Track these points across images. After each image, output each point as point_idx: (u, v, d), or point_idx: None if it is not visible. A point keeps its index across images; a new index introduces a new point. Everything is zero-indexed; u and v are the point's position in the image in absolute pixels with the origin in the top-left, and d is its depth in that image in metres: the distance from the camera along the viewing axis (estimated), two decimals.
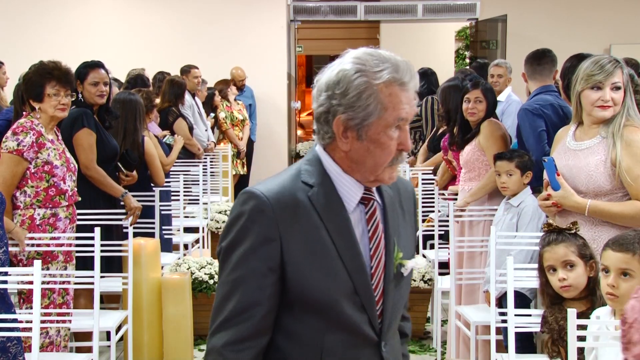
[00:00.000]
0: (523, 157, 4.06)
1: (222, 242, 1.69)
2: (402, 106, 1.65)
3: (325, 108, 1.66)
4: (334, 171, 1.70)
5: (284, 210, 1.63)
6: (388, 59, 1.66)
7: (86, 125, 4.34)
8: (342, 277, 1.65)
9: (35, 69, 3.88)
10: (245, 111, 9.01)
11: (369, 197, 1.73)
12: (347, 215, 1.69)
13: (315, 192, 1.67)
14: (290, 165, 1.78)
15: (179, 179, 5.97)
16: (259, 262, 1.62)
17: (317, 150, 1.73)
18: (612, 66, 3.02)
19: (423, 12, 10.25)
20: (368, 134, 1.65)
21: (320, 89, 1.68)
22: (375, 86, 1.63)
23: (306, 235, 1.64)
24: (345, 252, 1.66)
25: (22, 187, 3.81)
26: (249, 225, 1.63)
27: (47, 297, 3.84)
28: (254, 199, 1.64)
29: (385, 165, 1.68)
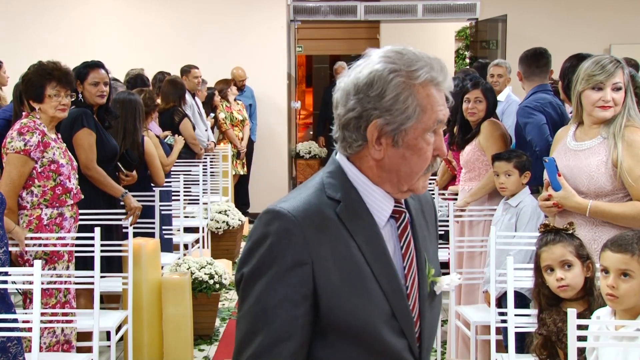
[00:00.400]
0: (521, 157, 4.05)
1: (242, 267, 1.51)
2: (439, 107, 1.53)
3: (356, 113, 1.51)
4: (361, 183, 1.55)
5: (313, 229, 1.47)
6: (421, 57, 1.54)
7: (86, 125, 4.34)
8: (379, 300, 1.50)
9: (35, 69, 3.87)
10: (245, 111, 9.01)
11: (400, 210, 1.59)
12: (379, 232, 1.54)
13: (343, 207, 1.52)
14: (308, 179, 1.61)
15: (179, 179, 5.97)
16: (289, 289, 1.45)
17: (339, 160, 1.58)
18: (613, 66, 3.02)
19: (423, 12, 10.25)
20: (405, 140, 1.52)
21: (348, 92, 1.52)
22: (412, 87, 1.50)
23: (338, 256, 1.48)
24: (380, 272, 1.51)
25: (28, 187, 3.81)
26: (276, 248, 1.46)
27: (54, 297, 3.85)
28: (281, 218, 1.47)
29: (421, 174, 1.56)
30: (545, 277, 2.84)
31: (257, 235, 1.49)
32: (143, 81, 6.64)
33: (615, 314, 2.49)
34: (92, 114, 4.47)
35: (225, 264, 5.74)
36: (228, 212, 7.21)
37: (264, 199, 9.60)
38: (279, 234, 1.46)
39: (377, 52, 1.56)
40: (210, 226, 7.03)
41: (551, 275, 2.81)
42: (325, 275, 1.46)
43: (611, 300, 2.42)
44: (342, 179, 1.55)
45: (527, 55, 4.65)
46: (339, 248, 1.48)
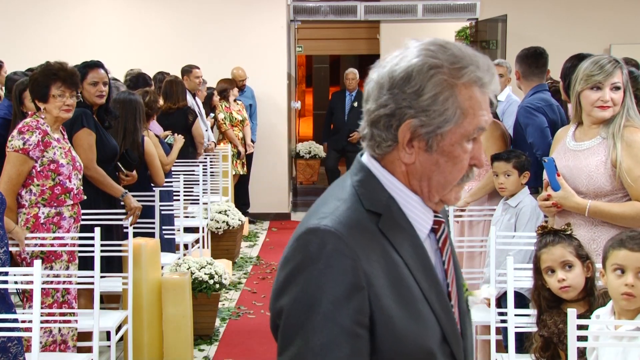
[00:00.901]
0: (520, 157, 4.05)
1: (280, 298, 1.30)
2: (482, 112, 1.36)
3: (388, 110, 1.35)
4: (398, 191, 1.38)
5: (362, 248, 1.29)
6: (466, 54, 1.37)
7: (86, 125, 4.34)
8: (432, 323, 1.35)
9: (42, 69, 3.90)
10: (244, 112, 9.01)
11: (440, 221, 1.44)
12: (424, 247, 1.39)
13: (386, 221, 1.35)
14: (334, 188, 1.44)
15: (179, 179, 5.97)
16: (347, 320, 1.25)
17: (368, 164, 1.41)
18: (611, 66, 3.02)
19: (423, 12, 10.25)
20: (440, 145, 1.35)
21: (382, 86, 1.36)
22: (454, 87, 1.34)
23: (389, 276, 1.31)
24: (429, 291, 1.36)
25: (27, 185, 3.83)
26: (326, 273, 1.26)
27: (51, 296, 3.85)
28: (329, 237, 1.28)
29: (455, 184, 1.39)
30: (546, 279, 2.82)
31: (298, 259, 1.28)
32: (145, 81, 6.63)
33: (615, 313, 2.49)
34: (91, 114, 4.47)
35: (225, 264, 5.75)
36: (228, 212, 7.21)
37: (264, 199, 9.62)
38: (329, 256, 1.27)
39: (418, 43, 1.38)
40: (210, 226, 7.03)
41: (552, 277, 2.80)
42: (380, 299, 1.28)
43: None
44: (377, 187, 1.38)
45: (527, 55, 4.64)
46: (388, 267, 1.32)
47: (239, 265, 7.29)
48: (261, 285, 6.63)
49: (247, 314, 5.76)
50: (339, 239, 1.28)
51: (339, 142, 10.00)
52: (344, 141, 9.92)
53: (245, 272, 7.08)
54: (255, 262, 7.47)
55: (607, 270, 2.48)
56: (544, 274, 2.83)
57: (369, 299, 1.27)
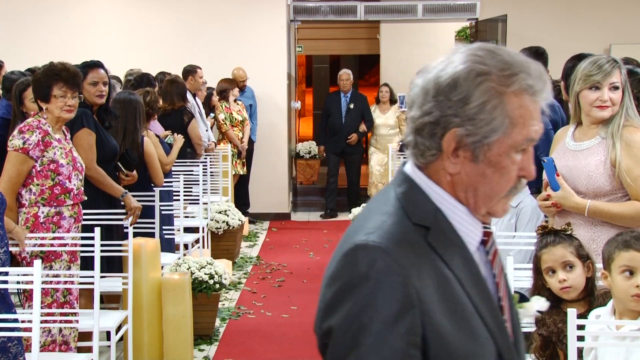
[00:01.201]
0: None
1: (329, 318, 1.25)
2: (532, 122, 1.31)
3: (433, 118, 1.30)
4: (446, 202, 1.34)
5: (412, 264, 1.25)
6: (517, 60, 1.32)
7: (86, 125, 4.34)
8: (486, 341, 1.30)
9: (44, 69, 3.92)
10: (244, 112, 9.01)
11: (489, 232, 1.39)
12: (475, 260, 1.35)
13: (434, 234, 1.30)
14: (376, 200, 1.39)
15: (179, 179, 5.97)
16: (399, 342, 1.21)
17: (412, 175, 1.36)
18: (610, 66, 3.02)
19: (423, 12, 10.25)
20: (487, 155, 1.30)
21: (427, 92, 1.32)
22: (503, 95, 1.29)
23: (441, 292, 1.26)
24: (482, 306, 1.31)
25: (27, 185, 3.84)
26: (376, 292, 1.21)
27: (50, 296, 3.85)
28: (378, 254, 1.24)
29: (502, 195, 1.34)
30: (547, 279, 2.81)
31: (347, 278, 1.24)
32: (149, 81, 6.63)
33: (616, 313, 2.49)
34: (92, 114, 4.48)
35: (225, 264, 5.75)
36: (228, 212, 7.21)
37: (264, 199, 9.62)
38: (379, 273, 1.22)
39: (464, 49, 1.33)
40: (210, 226, 7.03)
41: (553, 277, 2.77)
42: (432, 317, 1.24)
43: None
44: (423, 199, 1.33)
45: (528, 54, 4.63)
46: (439, 283, 1.27)
47: (239, 265, 7.29)
48: (261, 285, 6.63)
49: (247, 314, 5.77)
50: (388, 256, 1.23)
51: (338, 145, 9.89)
52: (343, 143, 9.83)
53: (245, 272, 7.08)
54: (255, 262, 7.47)
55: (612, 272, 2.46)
56: (544, 274, 2.82)
57: (421, 317, 1.23)
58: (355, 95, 10.00)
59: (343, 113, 9.89)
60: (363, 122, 9.88)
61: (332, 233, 8.92)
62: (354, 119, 9.84)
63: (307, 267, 7.29)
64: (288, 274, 7.02)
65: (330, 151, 10.00)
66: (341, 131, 9.82)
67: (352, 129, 9.82)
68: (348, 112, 9.87)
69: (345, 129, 9.80)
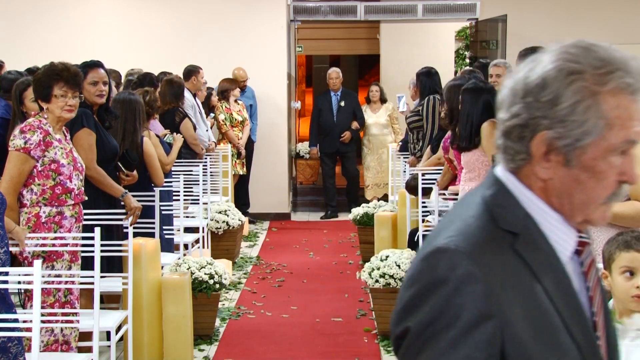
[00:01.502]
0: None
1: (406, 319, 1.21)
2: (632, 124, 1.22)
3: (521, 120, 1.24)
4: (537, 209, 1.26)
5: (496, 272, 1.18)
6: (613, 56, 1.23)
7: (86, 125, 4.35)
8: (573, 356, 1.21)
9: (45, 69, 3.92)
10: (245, 112, 9.02)
11: (585, 242, 1.30)
12: (567, 271, 1.26)
13: (523, 241, 1.22)
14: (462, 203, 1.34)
15: (179, 179, 5.97)
16: (474, 352, 1.15)
17: (504, 180, 1.28)
18: None
19: (423, 12, 10.25)
20: (581, 159, 1.22)
21: (515, 93, 1.25)
22: (597, 95, 1.21)
23: (525, 304, 1.19)
24: (573, 323, 1.22)
25: (28, 185, 3.84)
26: (455, 298, 1.16)
27: (53, 295, 3.86)
28: (460, 259, 1.18)
29: (600, 202, 1.26)
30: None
31: (426, 281, 1.19)
32: (152, 81, 6.63)
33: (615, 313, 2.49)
34: (92, 114, 4.47)
35: (225, 264, 5.75)
36: (228, 212, 7.21)
37: (264, 199, 9.62)
38: (460, 279, 1.17)
39: (559, 46, 1.27)
40: (210, 226, 7.04)
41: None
42: (514, 330, 1.17)
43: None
44: (513, 204, 1.26)
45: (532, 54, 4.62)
46: (525, 294, 1.20)
47: (239, 265, 7.29)
48: (261, 285, 6.63)
49: (247, 314, 5.76)
50: (470, 262, 1.17)
51: (332, 145, 9.78)
52: (336, 143, 9.75)
53: (245, 272, 7.08)
54: (255, 262, 7.47)
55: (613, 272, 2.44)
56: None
57: (501, 329, 1.16)
58: (345, 93, 9.93)
59: (334, 112, 9.80)
60: (355, 120, 9.81)
61: (332, 233, 8.92)
62: (345, 117, 9.77)
63: (307, 267, 7.29)
64: (288, 274, 7.02)
65: (324, 152, 9.88)
66: (333, 130, 9.73)
67: (345, 127, 9.75)
68: (339, 110, 9.79)
69: (338, 128, 9.72)
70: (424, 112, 6.74)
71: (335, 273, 7.04)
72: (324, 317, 5.67)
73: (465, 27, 11.51)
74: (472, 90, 4.55)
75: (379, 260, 5.17)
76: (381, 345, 5.04)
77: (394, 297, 5.20)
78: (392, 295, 5.07)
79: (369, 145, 9.99)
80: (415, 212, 5.80)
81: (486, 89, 4.57)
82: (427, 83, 6.95)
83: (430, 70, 7.10)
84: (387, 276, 5.03)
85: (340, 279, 6.83)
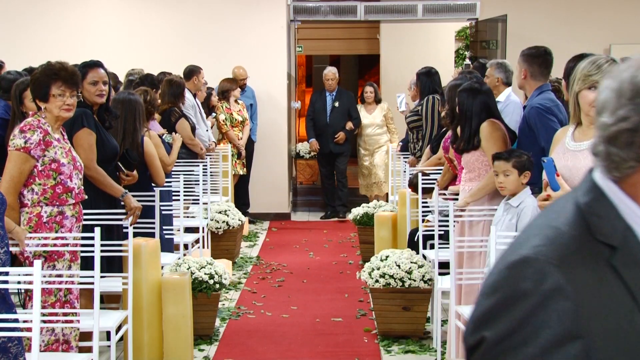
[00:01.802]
0: (521, 157, 4.05)
1: (483, 328, 1.13)
2: None
3: (630, 124, 1.13)
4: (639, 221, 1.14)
5: (587, 288, 1.08)
6: None
7: (86, 125, 4.34)
8: None
9: (42, 69, 3.92)
10: (245, 112, 9.02)
11: None
12: None
13: (621, 256, 1.11)
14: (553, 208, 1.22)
15: (179, 179, 5.98)
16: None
17: (603, 185, 1.18)
18: (609, 66, 3.03)
19: (423, 12, 10.25)
20: None
21: (621, 94, 1.15)
22: None
23: (617, 325, 1.08)
24: None
25: (29, 184, 3.84)
26: (539, 313, 1.07)
27: (54, 295, 3.86)
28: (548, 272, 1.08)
29: None
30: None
31: (510, 291, 1.10)
32: (152, 82, 6.63)
33: None
34: (92, 114, 4.47)
35: (225, 264, 5.75)
36: (228, 212, 7.21)
37: (264, 199, 9.62)
38: (546, 294, 1.07)
39: None
40: (210, 226, 7.04)
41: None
42: (603, 354, 1.06)
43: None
44: (612, 214, 1.14)
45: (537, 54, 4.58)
46: (619, 315, 1.08)
47: (239, 265, 7.29)
48: (261, 285, 6.63)
49: (247, 314, 5.76)
50: (560, 275, 1.08)
51: (325, 146, 9.64)
52: (330, 143, 9.60)
53: (245, 272, 7.08)
54: (255, 262, 7.47)
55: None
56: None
57: (588, 352, 1.05)
58: (340, 93, 9.75)
59: (328, 112, 9.65)
60: (350, 120, 9.62)
61: (332, 233, 8.92)
62: (339, 118, 9.60)
63: (307, 267, 7.29)
64: (288, 274, 7.02)
65: (318, 153, 9.81)
66: (327, 131, 9.58)
67: (338, 127, 9.58)
68: (333, 110, 9.64)
69: (331, 129, 9.57)
70: (423, 112, 6.74)
71: (335, 273, 7.04)
72: (324, 317, 5.67)
73: (465, 27, 11.52)
74: (468, 90, 4.55)
75: (379, 260, 5.17)
76: (381, 345, 5.04)
77: (394, 297, 5.23)
78: (392, 295, 5.07)
79: (365, 145, 9.86)
80: (415, 212, 5.80)
81: (482, 89, 4.56)
82: (427, 83, 6.95)
83: (431, 70, 7.10)
84: (387, 276, 5.03)
85: (340, 279, 6.83)
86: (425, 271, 5.03)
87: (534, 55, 4.58)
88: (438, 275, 4.87)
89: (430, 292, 5.10)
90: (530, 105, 4.47)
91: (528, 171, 4.03)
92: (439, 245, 4.95)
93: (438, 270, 4.87)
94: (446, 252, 4.54)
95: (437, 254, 4.93)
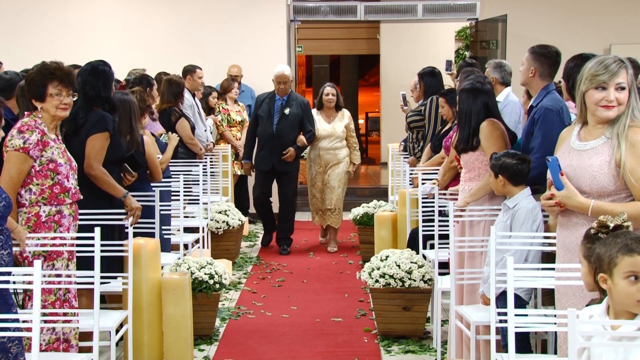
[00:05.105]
0: (498, 160, 4.03)
1: None
2: None
3: None
4: None
5: None
6: None
7: (109, 130, 4.46)
8: None
9: (38, 69, 3.93)
10: (244, 112, 9.01)
11: None
12: None
13: None
14: None
15: (179, 179, 5.98)
16: None
17: None
18: (616, 66, 3.02)
19: (423, 12, 10.26)
20: None
21: None
22: None
23: None
24: None
25: (27, 185, 3.85)
26: None
27: (54, 294, 3.86)
28: None
29: None
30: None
31: None
32: (148, 82, 6.64)
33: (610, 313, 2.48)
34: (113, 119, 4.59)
35: (225, 264, 5.75)
36: (228, 212, 7.21)
37: None
38: None
39: None
40: (210, 226, 7.04)
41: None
42: None
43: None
44: None
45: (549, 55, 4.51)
46: None
47: (239, 265, 7.29)
48: (261, 285, 6.63)
49: (247, 314, 5.76)
50: None
51: (267, 161, 7.71)
52: (274, 158, 7.66)
53: (245, 272, 7.09)
54: (255, 262, 7.47)
55: (614, 276, 2.41)
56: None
57: None
58: (293, 98, 7.77)
59: (275, 120, 7.68)
60: (302, 134, 7.70)
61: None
62: (287, 128, 7.63)
63: (307, 267, 7.29)
64: (288, 274, 7.02)
65: (258, 168, 7.86)
66: (271, 142, 7.64)
67: (285, 139, 7.62)
68: (282, 118, 7.66)
69: (277, 141, 7.62)
70: (426, 112, 6.73)
71: (335, 273, 7.04)
72: (324, 317, 5.67)
73: (465, 27, 11.52)
74: (469, 90, 4.54)
75: (379, 260, 5.17)
76: (381, 345, 5.04)
77: (394, 297, 5.23)
78: (392, 295, 5.07)
79: (318, 161, 7.91)
80: (415, 212, 5.80)
81: (483, 89, 4.56)
82: (431, 83, 6.93)
83: (434, 70, 7.09)
84: (387, 276, 5.03)
85: (340, 279, 6.83)
86: (426, 271, 5.03)
87: (546, 56, 4.54)
88: (438, 275, 4.87)
89: (430, 292, 5.10)
90: (542, 106, 4.39)
91: (500, 175, 4.01)
92: (439, 245, 4.95)
93: (438, 270, 4.87)
94: (446, 252, 4.54)
95: (437, 254, 4.93)
